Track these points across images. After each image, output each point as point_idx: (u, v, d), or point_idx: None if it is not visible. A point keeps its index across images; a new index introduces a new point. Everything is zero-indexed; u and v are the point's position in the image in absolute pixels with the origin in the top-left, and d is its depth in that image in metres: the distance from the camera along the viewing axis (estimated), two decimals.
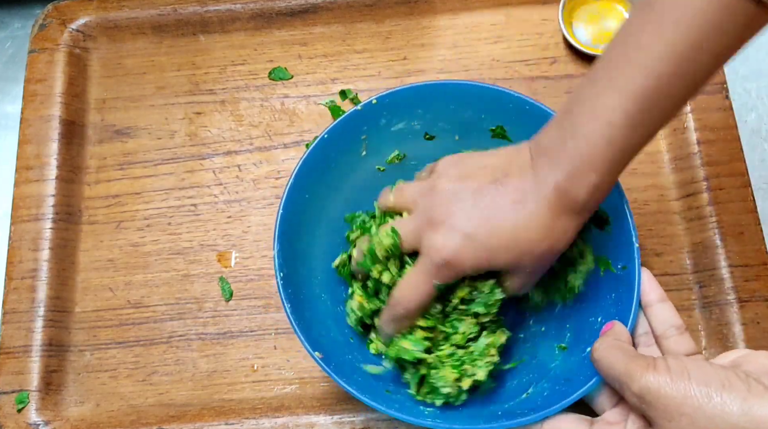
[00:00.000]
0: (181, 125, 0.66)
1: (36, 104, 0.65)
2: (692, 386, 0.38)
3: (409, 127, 0.54)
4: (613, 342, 0.44)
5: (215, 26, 0.68)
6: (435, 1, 0.67)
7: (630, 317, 0.47)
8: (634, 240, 0.48)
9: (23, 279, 0.61)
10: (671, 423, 0.38)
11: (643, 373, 0.40)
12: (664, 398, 0.38)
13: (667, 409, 0.38)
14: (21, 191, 0.63)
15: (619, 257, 0.49)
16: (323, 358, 0.47)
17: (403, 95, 0.53)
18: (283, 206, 0.50)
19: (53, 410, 0.58)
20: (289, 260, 0.49)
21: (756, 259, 0.57)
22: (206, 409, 0.57)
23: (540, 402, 0.47)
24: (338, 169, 0.53)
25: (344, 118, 0.52)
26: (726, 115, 0.61)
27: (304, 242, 0.51)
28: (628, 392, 0.41)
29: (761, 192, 0.65)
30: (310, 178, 0.51)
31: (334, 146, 0.52)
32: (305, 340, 0.47)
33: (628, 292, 0.47)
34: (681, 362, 0.40)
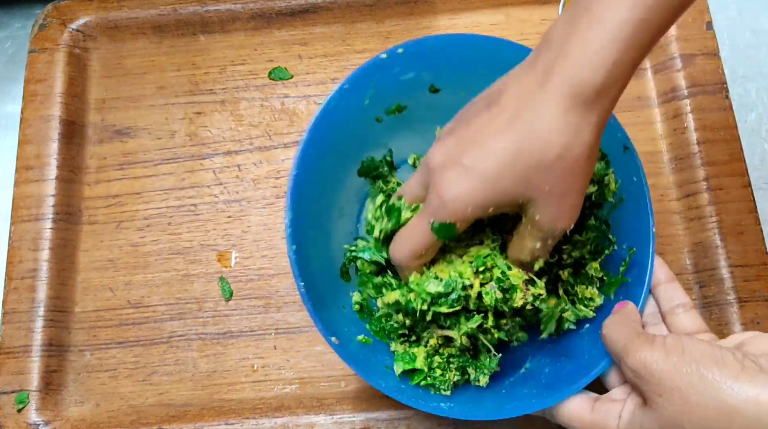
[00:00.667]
0: (181, 125, 0.66)
1: (36, 104, 0.65)
2: (684, 362, 0.38)
3: (417, 77, 0.52)
4: (621, 319, 0.45)
5: (215, 26, 0.68)
6: (435, 1, 0.67)
7: (642, 295, 0.47)
8: (651, 222, 0.48)
9: (23, 279, 0.61)
10: (662, 398, 0.39)
11: (639, 349, 0.40)
12: (658, 373, 0.39)
13: (659, 384, 0.39)
14: (21, 191, 0.63)
15: (632, 240, 0.49)
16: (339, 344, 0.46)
17: (429, 44, 0.50)
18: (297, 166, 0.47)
19: (53, 410, 0.58)
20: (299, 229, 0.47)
21: (756, 259, 0.58)
22: (206, 409, 0.57)
23: (543, 380, 0.47)
24: (341, 121, 0.51)
25: (362, 68, 0.50)
26: (726, 115, 0.61)
27: (314, 209, 0.50)
28: (624, 367, 0.41)
29: (761, 192, 0.65)
30: (322, 134, 0.49)
31: (346, 96, 0.50)
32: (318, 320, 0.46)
33: (640, 273, 0.48)
34: (678, 340, 0.40)
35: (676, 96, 0.62)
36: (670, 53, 0.63)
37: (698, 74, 0.62)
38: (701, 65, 0.63)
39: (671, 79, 0.63)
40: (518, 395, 0.47)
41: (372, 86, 0.51)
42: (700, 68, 0.63)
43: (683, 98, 0.62)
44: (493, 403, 0.47)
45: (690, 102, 0.62)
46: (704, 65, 0.63)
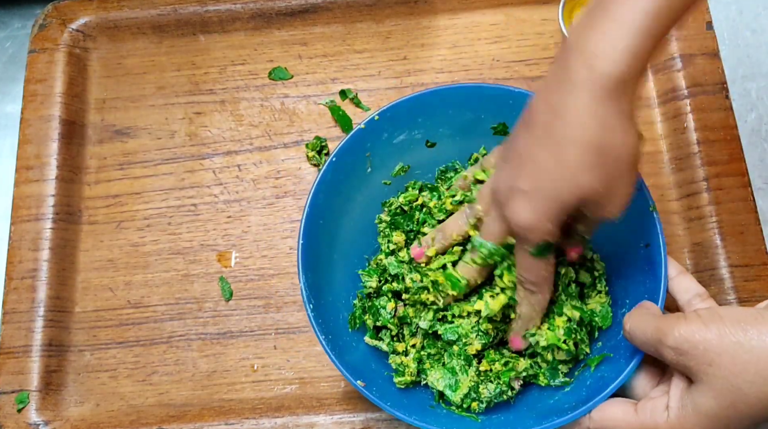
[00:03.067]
0: (181, 125, 0.66)
1: (36, 104, 0.65)
2: (726, 325, 0.38)
3: (410, 137, 0.54)
4: (641, 311, 0.44)
5: (215, 26, 0.68)
6: (435, 1, 0.67)
7: (660, 292, 0.47)
8: (655, 216, 0.48)
9: (23, 279, 0.61)
10: (711, 367, 0.38)
11: (675, 326, 0.40)
12: (701, 343, 0.38)
13: (706, 353, 0.38)
14: (21, 191, 0.63)
15: (641, 235, 0.49)
16: (366, 386, 0.47)
17: (403, 107, 0.53)
18: (303, 235, 0.50)
19: (53, 410, 0.58)
20: (314, 289, 0.50)
21: (756, 259, 0.57)
22: (206, 409, 0.57)
23: (586, 392, 0.47)
24: (347, 190, 0.53)
25: (349, 139, 0.52)
26: (726, 115, 0.61)
27: (324, 269, 0.52)
28: (665, 349, 0.40)
29: (761, 192, 0.65)
30: (323, 202, 0.52)
31: (341, 168, 0.52)
32: (344, 370, 0.47)
33: (653, 268, 0.48)
34: (712, 309, 0.40)
35: (676, 96, 0.62)
36: (670, 53, 0.63)
37: (698, 74, 0.62)
38: (701, 65, 0.63)
39: (671, 79, 0.63)
40: (558, 409, 0.47)
41: (366, 153, 0.53)
42: (700, 68, 0.62)
43: (683, 98, 0.62)
44: (532, 421, 0.47)
45: (690, 102, 0.62)
46: (704, 65, 0.63)
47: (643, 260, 0.49)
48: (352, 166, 0.53)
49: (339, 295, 0.53)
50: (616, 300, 0.51)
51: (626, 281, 0.50)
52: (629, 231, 0.50)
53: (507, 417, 0.49)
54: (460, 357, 0.49)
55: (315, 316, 0.49)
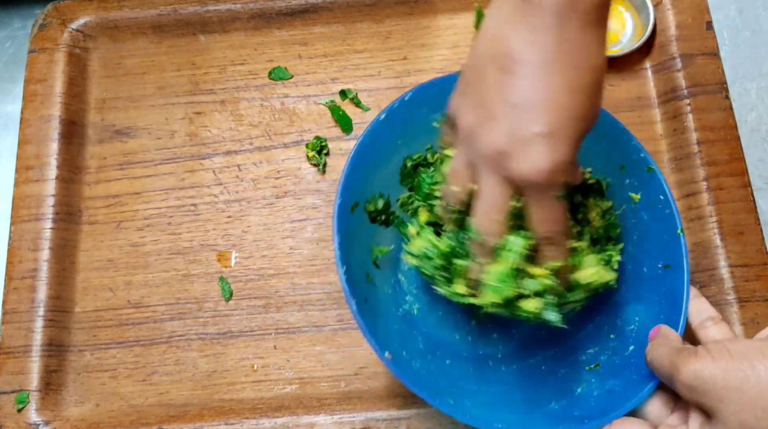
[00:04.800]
0: (181, 125, 0.66)
1: (36, 104, 0.65)
2: (734, 360, 0.38)
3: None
4: (660, 341, 0.45)
5: (215, 26, 0.68)
6: (435, 1, 0.67)
7: (681, 317, 0.47)
8: (682, 240, 0.48)
9: (23, 279, 0.61)
10: (722, 403, 0.38)
11: (686, 362, 0.40)
12: (710, 379, 0.39)
13: (715, 390, 0.39)
14: (21, 191, 0.63)
15: (659, 256, 0.49)
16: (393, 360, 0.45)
17: (446, 84, 0.49)
18: (341, 194, 0.47)
19: (53, 410, 0.58)
20: (347, 253, 0.47)
21: (756, 259, 0.58)
22: (206, 409, 0.57)
23: (594, 403, 0.47)
24: (378, 158, 0.51)
25: (395, 106, 0.50)
26: (726, 115, 0.61)
27: (356, 233, 0.50)
28: (678, 385, 0.41)
29: (761, 192, 0.65)
30: (360, 165, 0.49)
31: (379, 135, 0.50)
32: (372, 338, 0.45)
33: (673, 291, 0.48)
34: (719, 344, 0.40)
35: (676, 96, 0.62)
36: (670, 53, 0.63)
37: (698, 74, 0.62)
38: (701, 65, 0.63)
39: (671, 79, 0.63)
40: (569, 417, 0.47)
41: (401, 125, 0.51)
42: (700, 68, 0.62)
43: (683, 98, 0.62)
44: (543, 424, 0.47)
45: (690, 102, 0.62)
46: (704, 65, 0.63)
47: (660, 281, 0.49)
48: (389, 135, 0.51)
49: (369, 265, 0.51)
50: (624, 316, 0.51)
51: (637, 299, 0.50)
52: (649, 250, 0.50)
53: (515, 418, 0.49)
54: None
55: (347, 279, 0.46)
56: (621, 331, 0.50)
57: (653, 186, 0.50)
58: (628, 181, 0.52)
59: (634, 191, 0.52)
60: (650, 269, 0.50)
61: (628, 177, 0.51)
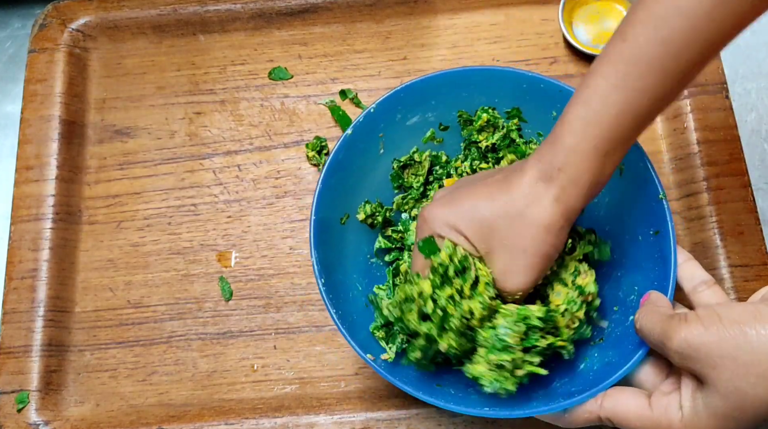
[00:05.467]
0: (181, 125, 0.66)
1: (36, 104, 0.65)
2: (725, 327, 0.38)
3: (423, 119, 0.54)
4: (650, 308, 0.44)
5: (215, 26, 0.68)
6: (435, 1, 0.67)
7: (669, 280, 0.47)
8: (665, 204, 0.48)
9: (23, 279, 0.61)
10: (715, 370, 0.38)
11: (677, 329, 0.40)
12: (703, 346, 0.38)
13: (708, 357, 0.38)
14: (21, 191, 0.63)
15: (650, 223, 0.49)
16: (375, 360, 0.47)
17: (416, 88, 0.52)
18: (315, 211, 0.50)
19: (53, 410, 0.58)
20: (325, 266, 0.50)
21: (756, 259, 0.57)
22: (206, 409, 0.57)
23: (592, 377, 0.47)
24: (359, 170, 0.53)
25: (362, 119, 0.52)
26: (726, 115, 0.61)
27: (336, 247, 0.52)
28: (669, 352, 0.41)
29: (761, 192, 0.65)
30: (335, 182, 0.51)
31: (354, 148, 0.52)
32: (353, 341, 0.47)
33: (662, 256, 0.48)
34: (710, 309, 0.40)
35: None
36: None
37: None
38: None
39: None
40: (566, 393, 0.47)
41: (380, 134, 0.53)
42: None
43: (683, 98, 0.62)
44: (537, 402, 0.47)
45: (690, 102, 0.62)
46: None
47: (652, 247, 0.49)
48: (364, 146, 0.53)
49: (351, 274, 0.52)
50: (624, 287, 0.51)
51: (637, 270, 0.50)
52: (639, 218, 0.50)
53: (511, 398, 0.48)
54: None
55: (327, 291, 0.48)
56: (623, 303, 0.50)
57: (632, 154, 0.50)
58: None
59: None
60: (644, 237, 0.50)
61: None
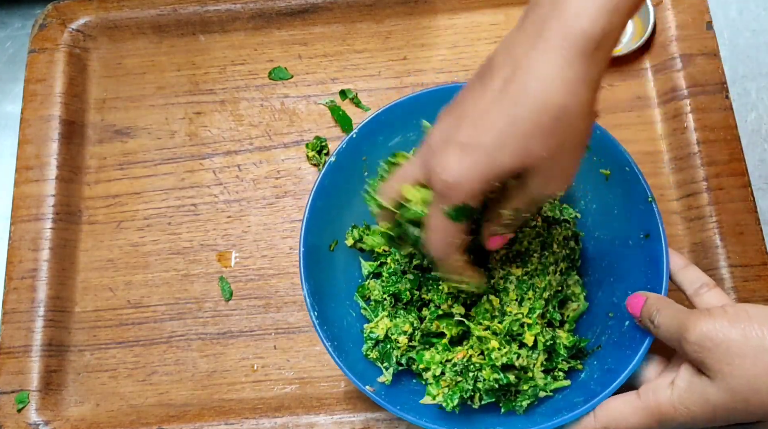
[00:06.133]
0: (181, 125, 0.66)
1: (36, 104, 0.65)
2: (753, 326, 0.38)
3: (405, 139, 0.54)
4: (665, 302, 0.44)
5: (215, 26, 0.68)
6: (435, 1, 0.67)
7: (663, 282, 0.47)
8: (654, 207, 0.48)
9: (23, 279, 0.61)
10: (731, 366, 0.38)
11: (699, 321, 0.39)
12: (725, 341, 0.38)
13: (728, 352, 0.38)
14: (21, 191, 0.63)
15: (640, 227, 0.49)
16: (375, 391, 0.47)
17: (396, 110, 0.53)
18: (303, 242, 0.50)
19: (53, 410, 0.58)
20: (317, 296, 0.50)
21: (756, 259, 0.57)
22: (206, 409, 0.57)
23: (593, 385, 0.47)
24: (345, 195, 0.53)
25: (344, 146, 0.52)
26: (726, 115, 0.61)
27: (325, 273, 0.52)
28: (687, 344, 0.40)
29: (761, 192, 0.65)
30: (321, 210, 0.52)
31: (338, 175, 0.52)
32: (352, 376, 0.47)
33: (654, 260, 0.48)
34: (740, 307, 0.40)
35: (676, 96, 0.62)
36: (670, 53, 0.63)
37: (698, 74, 0.62)
38: (701, 65, 0.63)
39: (671, 79, 0.63)
40: (568, 404, 0.47)
41: (363, 157, 0.53)
42: (700, 68, 0.62)
43: (683, 98, 0.62)
44: (542, 418, 0.47)
45: (690, 102, 0.62)
46: (704, 65, 0.63)
47: (644, 251, 0.49)
48: (349, 171, 0.53)
49: (343, 300, 0.53)
50: (618, 293, 0.51)
51: (629, 275, 0.50)
52: (628, 222, 0.50)
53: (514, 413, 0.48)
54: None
55: (320, 322, 0.49)
56: (617, 308, 0.50)
57: (619, 160, 0.50)
58: (596, 159, 0.52)
59: (604, 167, 0.52)
60: (635, 241, 0.50)
61: (595, 155, 0.52)
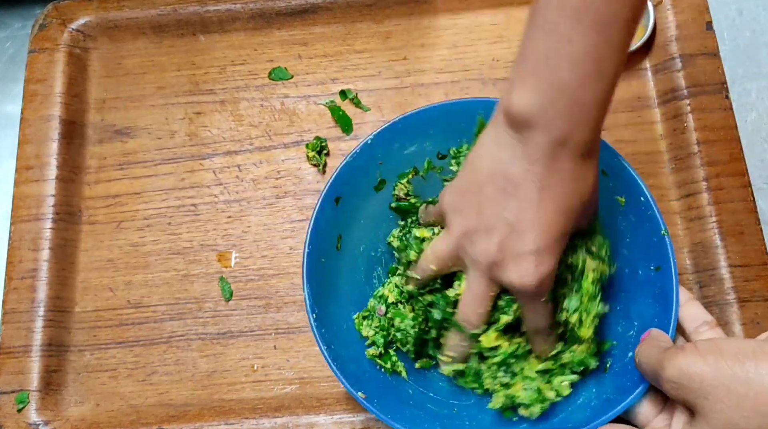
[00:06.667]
0: (181, 125, 0.66)
1: (36, 104, 0.65)
2: (723, 359, 0.38)
3: (421, 148, 0.54)
4: (650, 341, 0.45)
5: (215, 26, 0.68)
6: (435, 1, 0.67)
7: (671, 318, 0.47)
8: (667, 240, 0.48)
9: (23, 279, 0.61)
10: (708, 400, 0.38)
11: (673, 358, 0.40)
12: (698, 376, 0.38)
13: (702, 387, 0.38)
14: (21, 191, 0.63)
15: (652, 258, 0.49)
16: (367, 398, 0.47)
17: (412, 120, 0.53)
18: (309, 243, 0.50)
19: (53, 410, 0.58)
20: (318, 298, 0.50)
21: (756, 259, 0.57)
22: (206, 409, 0.57)
23: (590, 413, 0.47)
24: (356, 200, 0.53)
25: (360, 149, 0.52)
26: (726, 115, 0.61)
27: (330, 278, 0.52)
28: (663, 382, 0.41)
29: (761, 192, 0.65)
30: (330, 212, 0.51)
31: (351, 178, 0.52)
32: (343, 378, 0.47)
33: (663, 293, 0.48)
34: (710, 342, 0.40)
35: (676, 96, 0.62)
36: (670, 53, 0.63)
37: (698, 74, 0.62)
38: (701, 65, 0.63)
39: (671, 79, 0.63)
40: (573, 421, 0.47)
41: (378, 162, 0.53)
42: (700, 68, 0.62)
43: (683, 98, 0.62)
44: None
45: (690, 102, 0.62)
46: (704, 65, 0.63)
47: (653, 283, 0.49)
48: (363, 174, 0.53)
49: (344, 306, 0.52)
50: (623, 321, 0.51)
51: (636, 305, 0.50)
52: (640, 253, 0.50)
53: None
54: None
55: (318, 325, 0.48)
56: (622, 337, 0.50)
57: (634, 189, 0.50)
58: (611, 184, 0.51)
59: (619, 194, 0.51)
60: (644, 272, 0.50)
61: (611, 181, 0.51)
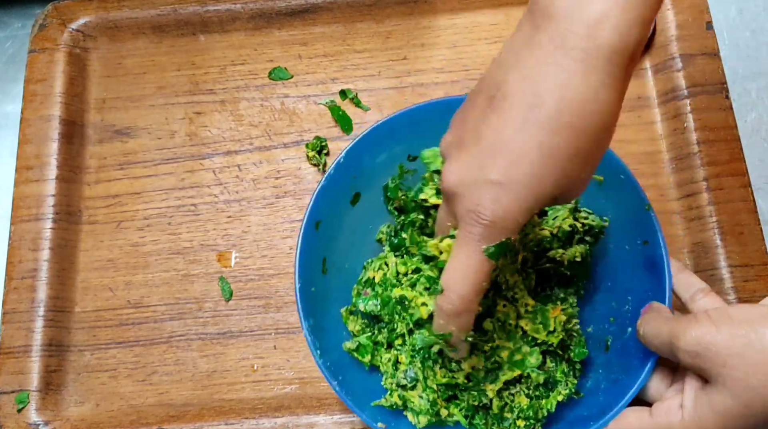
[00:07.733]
0: (181, 125, 0.66)
1: (36, 104, 0.65)
2: (736, 326, 0.39)
3: (390, 154, 0.53)
4: (654, 315, 0.45)
5: (215, 26, 0.68)
6: (435, 1, 0.67)
7: (666, 290, 0.47)
8: (651, 214, 0.48)
9: (23, 279, 0.61)
10: (725, 368, 0.38)
11: (688, 328, 0.40)
12: (713, 345, 0.39)
13: (718, 355, 0.39)
14: (21, 191, 0.63)
15: (638, 234, 0.49)
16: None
17: (381, 129, 0.51)
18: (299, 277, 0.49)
19: (53, 410, 0.58)
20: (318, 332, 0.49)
21: (756, 259, 0.57)
22: (206, 409, 0.57)
23: (602, 398, 0.47)
24: (334, 218, 0.52)
25: (332, 170, 0.51)
26: (726, 115, 0.61)
27: (319, 299, 0.51)
28: (680, 352, 0.41)
29: (761, 192, 0.65)
30: (314, 235, 0.51)
31: (328, 197, 0.51)
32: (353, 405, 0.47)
33: (655, 267, 0.48)
34: (721, 310, 0.40)
35: (676, 96, 0.62)
36: (670, 53, 0.63)
37: (698, 74, 0.62)
38: (701, 65, 0.63)
39: (671, 79, 0.63)
40: (578, 418, 0.47)
41: (352, 176, 0.52)
42: (700, 68, 0.62)
43: (683, 98, 0.62)
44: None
45: (690, 102, 0.62)
46: (704, 65, 0.63)
47: (643, 258, 0.49)
48: (339, 192, 0.52)
49: (337, 318, 0.52)
50: (616, 296, 0.51)
51: (627, 280, 0.50)
52: (625, 229, 0.50)
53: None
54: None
55: (324, 361, 0.48)
56: (618, 312, 0.50)
57: (611, 166, 0.50)
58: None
59: (596, 173, 0.48)
60: (632, 247, 0.50)
61: None
